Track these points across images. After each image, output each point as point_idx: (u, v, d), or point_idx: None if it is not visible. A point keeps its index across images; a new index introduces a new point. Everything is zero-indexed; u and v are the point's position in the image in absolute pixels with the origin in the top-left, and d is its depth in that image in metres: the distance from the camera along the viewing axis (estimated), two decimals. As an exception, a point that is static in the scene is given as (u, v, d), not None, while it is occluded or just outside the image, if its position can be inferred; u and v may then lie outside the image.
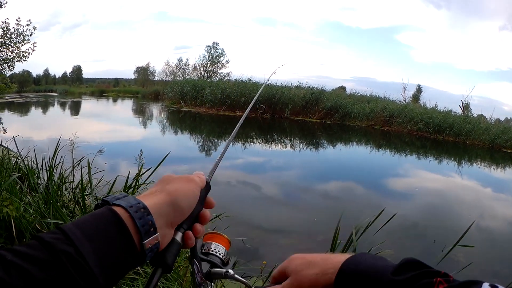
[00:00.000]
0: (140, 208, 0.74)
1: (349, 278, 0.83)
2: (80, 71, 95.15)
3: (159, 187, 0.85)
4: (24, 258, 0.59)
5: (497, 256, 7.29)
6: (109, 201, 0.76)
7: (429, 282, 0.70)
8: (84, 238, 0.65)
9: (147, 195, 0.82)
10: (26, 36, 16.76)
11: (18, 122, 23.34)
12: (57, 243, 0.62)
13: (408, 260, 0.78)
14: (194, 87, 35.42)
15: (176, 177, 0.90)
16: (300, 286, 0.92)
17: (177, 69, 66.41)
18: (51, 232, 0.65)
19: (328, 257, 0.93)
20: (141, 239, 0.72)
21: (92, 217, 0.71)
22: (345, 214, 4.42)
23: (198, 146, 18.42)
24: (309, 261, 0.95)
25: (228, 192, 9.62)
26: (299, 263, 0.96)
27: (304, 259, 0.97)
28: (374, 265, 0.82)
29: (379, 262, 0.84)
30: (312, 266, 0.93)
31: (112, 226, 0.70)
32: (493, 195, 13.04)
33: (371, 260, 0.85)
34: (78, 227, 0.67)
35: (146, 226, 0.73)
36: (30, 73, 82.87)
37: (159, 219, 0.77)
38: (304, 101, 31.64)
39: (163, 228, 0.79)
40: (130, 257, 0.72)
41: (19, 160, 6.63)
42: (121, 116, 32.39)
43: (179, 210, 0.83)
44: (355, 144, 22.97)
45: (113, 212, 0.72)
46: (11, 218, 3.95)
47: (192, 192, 0.88)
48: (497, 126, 27.19)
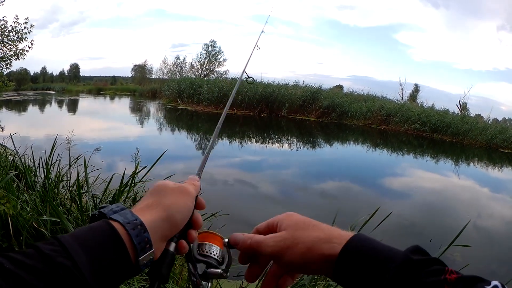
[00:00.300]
0: (137, 225, 0.75)
1: (356, 253, 0.77)
2: (78, 69, 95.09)
3: (155, 200, 0.85)
4: (22, 267, 0.60)
5: (494, 255, 7.31)
6: (106, 214, 0.76)
7: (441, 268, 0.69)
8: (82, 251, 0.66)
9: (143, 208, 0.83)
10: (24, 34, 16.73)
11: (15, 120, 23.29)
12: (55, 256, 0.63)
13: (417, 247, 0.75)
14: (191, 85, 35.40)
15: (170, 189, 0.89)
16: (294, 244, 0.84)
17: (175, 67, 66.32)
18: (49, 243, 0.66)
19: (333, 228, 0.87)
20: (137, 255, 0.74)
21: (90, 230, 0.72)
22: (342, 213, 4.43)
23: (195, 144, 18.44)
24: (313, 223, 0.88)
25: (224, 190, 9.62)
26: (300, 221, 0.90)
27: (306, 219, 0.90)
28: (383, 245, 0.78)
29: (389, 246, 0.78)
30: (316, 229, 0.86)
31: (110, 242, 0.71)
32: (490, 195, 13.07)
33: (379, 242, 0.80)
34: (76, 240, 0.67)
35: (143, 244, 0.74)
36: (28, 71, 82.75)
37: (155, 234, 0.78)
38: (301, 99, 31.61)
39: (158, 242, 0.80)
40: (125, 271, 0.73)
41: (16, 158, 6.62)
42: (118, 114, 32.34)
43: (174, 225, 0.84)
44: (352, 143, 23.01)
45: (111, 227, 0.73)
46: (8, 216, 3.95)
47: (187, 206, 0.89)
48: (494, 126, 27.18)
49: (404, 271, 0.70)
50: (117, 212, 0.78)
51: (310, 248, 0.82)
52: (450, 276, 0.67)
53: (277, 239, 0.87)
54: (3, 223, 3.94)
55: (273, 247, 0.87)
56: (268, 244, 0.88)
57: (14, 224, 3.96)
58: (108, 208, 0.79)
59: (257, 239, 0.91)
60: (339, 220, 4.26)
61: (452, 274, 0.67)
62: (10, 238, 3.87)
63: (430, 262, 0.71)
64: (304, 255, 0.82)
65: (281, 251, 0.85)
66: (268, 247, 0.87)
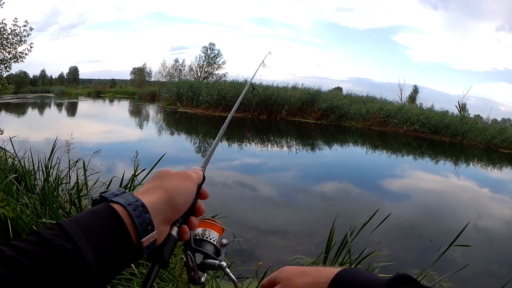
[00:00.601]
0: (138, 206, 0.75)
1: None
2: (77, 72, 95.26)
3: (156, 183, 0.85)
4: (23, 253, 0.60)
5: (494, 256, 7.30)
6: (107, 198, 0.76)
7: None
8: (82, 234, 0.65)
9: (144, 192, 0.83)
10: (23, 37, 16.73)
11: (14, 123, 23.28)
12: (56, 240, 0.63)
13: (402, 275, 0.78)
14: (190, 88, 35.35)
15: (173, 173, 0.90)
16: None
17: (174, 70, 66.36)
18: (49, 228, 0.66)
19: (322, 269, 0.92)
20: (139, 237, 0.73)
21: (91, 213, 0.71)
22: (342, 215, 4.45)
23: (194, 147, 18.44)
24: (301, 271, 0.95)
25: (224, 193, 9.62)
26: (291, 272, 0.96)
27: (296, 269, 0.97)
28: (367, 278, 0.82)
29: (373, 276, 0.83)
30: (304, 275, 0.92)
31: (111, 224, 0.70)
32: (490, 195, 13.06)
33: (364, 274, 0.84)
34: (76, 224, 0.67)
35: (144, 224, 0.74)
36: (27, 74, 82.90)
37: (157, 216, 0.78)
38: (300, 102, 31.56)
39: (160, 226, 0.79)
40: (128, 254, 0.72)
41: (15, 161, 6.63)
42: (118, 117, 32.36)
43: (176, 208, 0.84)
44: (352, 145, 22.98)
45: (112, 209, 0.72)
46: (8, 219, 3.96)
47: (189, 190, 0.89)
48: (493, 127, 27.18)
49: None
50: (118, 195, 0.77)
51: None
52: None
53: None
54: (2, 226, 3.94)
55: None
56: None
57: (13, 227, 3.96)
58: (109, 192, 0.79)
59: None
60: (339, 222, 4.27)
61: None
62: (9, 241, 3.86)
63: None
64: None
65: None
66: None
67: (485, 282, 6.03)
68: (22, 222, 4.11)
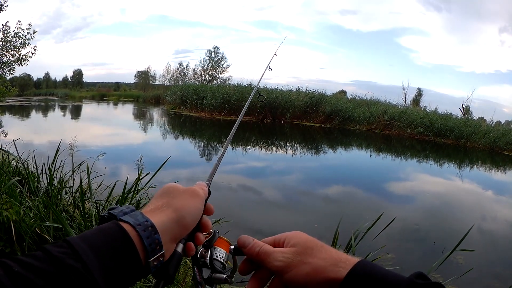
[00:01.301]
0: (148, 227, 0.75)
1: (363, 277, 0.77)
2: (81, 75, 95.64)
3: (165, 201, 0.85)
4: (31, 270, 0.59)
5: (498, 259, 7.27)
6: (117, 216, 0.76)
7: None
8: (91, 253, 0.65)
9: (153, 210, 0.82)
10: (27, 40, 16.81)
11: (18, 125, 23.36)
12: (65, 258, 0.62)
13: (421, 273, 0.75)
14: (194, 91, 35.46)
15: (181, 191, 0.90)
16: (302, 263, 0.84)
17: (178, 73, 66.54)
18: (57, 246, 0.65)
19: (340, 252, 0.86)
20: (147, 257, 0.73)
21: (100, 231, 0.71)
22: (346, 219, 4.43)
23: (199, 150, 18.45)
24: (320, 245, 0.88)
25: (228, 196, 9.61)
26: (309, 240, 0.89)
27: (313, 240, 0.90)
28: (389, 272, 0.77)
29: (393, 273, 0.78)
30: (323, 251, 0.85)
31: (120, 244, 0.70)
32: (494, 198, 13.03)
33: (385, 269, 0.79)
34: (85, 242, 0.67)
35: (153, 245, 0.74)
36: (31, 77, 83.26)
37: (165, 235, 0.78)
38: (304, 105, 31.63)
39: (167, 244, 0.79)
40: (135, 273, 0.72)
41: (19, 163, 6.63)
42: (122, 121, 32.47)
43: (185, 227, 0.84)
44: (356, 148, 22.96)
45: (121, 229, 0.72)
46: (11, 222, 3.95)
47: (197, 209, 0.89)
48: (497, 129, 27.24)
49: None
50: (127, 213, 0.77)
51: (316, 269, 0.82)
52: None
53: (286, 255, 0.86)
54: (6, 228, 3.94)
55: (281, 262, 0.86)
56: (276, 258, 0.87)
57: (17, 229, 3.96)
58: (118, 210, 0.79)
59: (266, 250, 0.90)
60: (343, 226, 4.25)
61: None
62: (12, 243, 3.87)
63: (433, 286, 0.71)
64: (308, 276, 0.82)
65: (287, 267, 0.85)
66: (275, 260, 0.87)
67: (490, 285, 6.01)
68: (25, 225, 4.10)
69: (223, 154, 1.29)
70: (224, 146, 1.34)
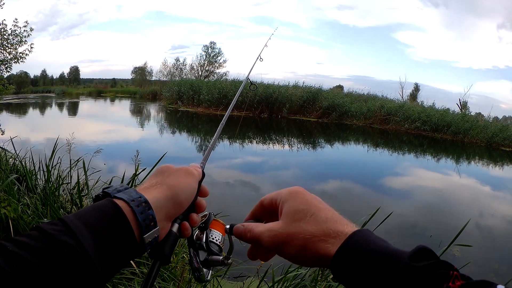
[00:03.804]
0: (141, 202, 0.75)
1: (353, 256, 0.71)
2: (78, 72, 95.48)
3: (159, 180, 0.86)
4: (25, 248, 0.59)
5: (495, 254, 7.29)
6: (110, 193, 0.76)
7: (446, 273, 0.63)
8: (85, 230, 0.65)
9: (147, 187, 0.83)
10: (23, 38, 16.75)
11: (15, 123, 23.26)
12: (59, 235, 0.63)
13: (423, 247, 0.68)
14: (191, 87, 35.39)
15: (175, 170, 0.90)
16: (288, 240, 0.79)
17: (175, 69, 66.42)
18: (52, 223, 0.66)
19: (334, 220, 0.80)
20: (142, 233, 0.73)
21: (94, 209, 0.71)
22: (344, 213, 4.41)
23: (196, 146, 18.40)
24: (312, 211, 0.81)
25: (225, 191, 9.61)
26: (299, 207, 0.83)
27: (306, 204, 0.84)
28: (385, 247, 0.70)
29: (389, 246, 0.71)
30: (312, 221, 0.79)
31: (114, 219, 0.70)
32: (491, 193, 13.06)
33: (381, 242, 0.72)
34: (79, 219, 0.67)
35: (147, 221, 0.74)
36: (28, 74, 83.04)
37: (159, 213, 0.78)
38: (301, 100, 31.62)
39: (162, 222, 0.79)
40: (130, 250, 0.72)
41: (16, 161, 6.64)
42: (119, 117, 32.36)
43: (179, 204, 0.84)
44: (353, 143, 22.95)
45: (115, 205, 0.72)
46: (9, 219, 3.96)
47: (191, 187, 0.89)
48: (495, 124, 27.28)
49: (405, 281, 0.64)
50: (121, 191, 0.78)
51: (304, 246, 0.77)
52: (453, 284, 0.61)
53: (272, 234, 0.82)
54: (4, 226, 3.94)
55: (269, 241, 0.82)
56: (263, 239, 0.83)
57: (15, 227, 3.97)
58: (112, 188, 0.79)
59: (254, 234, 0.86)
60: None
61: (456, 281, 0.62)
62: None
63: (434, 267, 0.65)
64: (298, 253, 0.78)
65: (277, 246, 0.81)
66: (264, 242, 0.83)
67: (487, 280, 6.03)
68: (23, 222, 4.11)
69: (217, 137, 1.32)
70: (218, 129, 1.37)
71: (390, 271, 0.66)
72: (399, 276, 0.65)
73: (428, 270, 0.64)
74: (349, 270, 0.71)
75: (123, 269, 3.40)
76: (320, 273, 3.81)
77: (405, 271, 0.65)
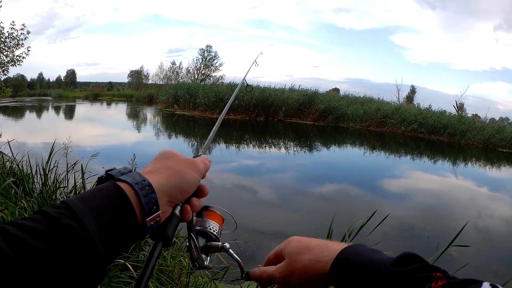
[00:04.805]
0: (145, 186, 0.75)
1: (345, 268, 0.83)
2: (74, 75, 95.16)
3: (163, 165, 0.86)
4: (27, 231, 0.59)
5: (493, 255, 7.31)
6: (114, 176, 0.77)
7: (428, 275, 0.69)
8: (88, 212, 0.66)
9: (151, 171, 0.83)
10: (20, 40, 16.72)
11: (12, 126, 23.24)
12: (62, 217, 0.63)
13: (407, 254, 0.77)
14: (187, 90, 35.26)
15: (181, 159, 0.91)
16: (293, 271, 0.93)
17: (171, 72, 66.32)
18: (55, 207, 0.66)
19: (325, 244, 0.93)
20: (144, 216, 0.74)
21: (97, 191, 0.72)
22: (341, 216, 4.44)
23: (192, 149, 18.39)
24: (305, 245, 0.95)
25: (222, 195, 9.59)
26: (295, 246, 0.96)
27: (300, 242, 0.97)
28: (371, 257, 0.81)
29: (376, 255, 0.82)
30: (307, 251, 0.93)
31: (117, 202, 0.71)
32: (489, 195, 13.09)
33: (369, 252, 0.84)
34: (82, 202, 0.67)
35: (150, 204, 0.74)
36: (25, 77, 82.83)
37: (162, 197, 0.78)
38: (297, 103, 31.54)
39: (164, 206, 0.80)
40: (132, 232, 0.73)
41: (13, 164, 6.62)
42: (115, 120, 32.33)
43: (182, 192, 0.85)
44: (349, 146, 22.99)
45: (118, 188, 0.72)
46: (6, 223, 3.95)
47: (196, 178, 0.90)
48: (491, 126, 27.22)
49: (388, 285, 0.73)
50: (125, 173, 0.78)
51: (305, 271, 0.91)
52: (436, 284, 0.67)
53: (280, 270, 0.96)
54: (1, 230, 3.93)
55: (280, 277, 0.96)
56: (276, 276, 0.97)
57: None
58: (116, 171, 0.80)
59: (268, 273, 1.00)
60: (337, 223, 4.26)
61: (439, 281, 0.68)
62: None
63: (417, 271, 0.72)
64: (302, 278, 0.91)
65: (286, 278, 0.94)
66: (277, 278, 0.97)
67: (485, 280, 6.04)
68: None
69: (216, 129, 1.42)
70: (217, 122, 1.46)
71: (375, 277, 0.76)
72: (383, 281, 0.74)
73: (409, 274, 0.72)
74: (343, 281, 0.83)
75: (121, 273, 3.40)
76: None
77: (387, 276, 0.74)
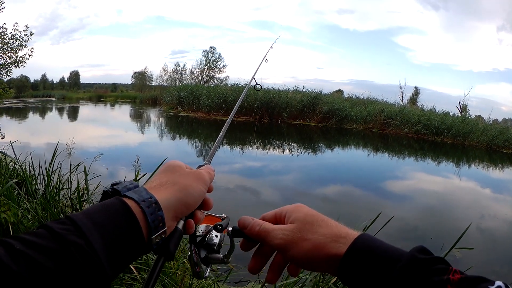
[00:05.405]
0: (152, 203, 0.75)
1: (363, 252, 0.77)
2: (78, 76, 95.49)
3: (170, 179, 0.86)
4: (32, 247, 0.59)
5: (497, 256, 7.29)
6: (120, 191, 0.76)
7: (445, 268, 0.69)
8: (94, 229, 0.65)
9: (157, 187, 0.82)
10: (24, 42, 16.74)
11: (15, 127, 23.29)
12: (67, 234, 0.62)
13: (423, 247, 0.76)
14: (191, 92, 35.31)
15: (187, 172, 0.91)
16: (302, 239, 0.83)
17: (175, 74, 66.34)
18: (60, 222, 0.65)
19: (341, 226, 0.85)
20: (150, 234, 0.73)
21: (103, 207, 0.71)
22: (344, 218, 4.39)
23: (196, 151, 18.40)
24: (322, 219, 0.87)
25: (226, 196, 9.58)
26: (309, 214, 0.88)
27: (314, 213, 0.89)
28: (390, 246, 0.77)
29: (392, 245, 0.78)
30: (323, 225, 0.84)
31: (124, 220, 0.70)
32: (492, 196, 13.05)
33: (384, 242, 0.79)
34: (88, 218, 0.67)
35: (156, 222, 0.74)
36: (28, 78, 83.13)
37: (168, 213, 0.78)
38: (301, 105, 31.55)
39: (169, 221, 0.79)
40: (138, 249, 0.72)
41: (16, 165, 6.63)
42: (119, 122, 32.39)
43: (187, 207, 0.85)
44: (353, 147, 22.95)
45: (125, 205, 0.72)
46: (9, 224, 3.95)
47: (201, 192, 0.89)
48: (495, 127, 27.27)
49: (410, 270, 0.70)
50: (131, 189, 0.77)
51: (317, 246, 0.81)
52: (453, 276, 0.67)
53: (286, 232, 0.86)
54: (3, 230, 3.94)
55: (281, 240, 0.85)
56: (276, 236, 0.86)
57: (15, 231, 3.96)
58: (122, 185, 0.79)
59: (266, 228, 0.89)
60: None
61: (456, 274, 0.68)
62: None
63: (435, 261, 0.71)
64: (309, 252, 0.82)
65: (288, 245, 0.84)
66: (275, 238, 0.86)
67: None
68: (23, 227, 4.10)
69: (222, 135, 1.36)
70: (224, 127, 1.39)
71: (396, 263, 0.72)
72: (405, 265, 0.71)
73: (431, 262, 0.71)
74: (358, 267, 0.76)
75: (123, 274, 3.39)
76: (321, 278, 3.79)
77: (410, 261, 0.71)
